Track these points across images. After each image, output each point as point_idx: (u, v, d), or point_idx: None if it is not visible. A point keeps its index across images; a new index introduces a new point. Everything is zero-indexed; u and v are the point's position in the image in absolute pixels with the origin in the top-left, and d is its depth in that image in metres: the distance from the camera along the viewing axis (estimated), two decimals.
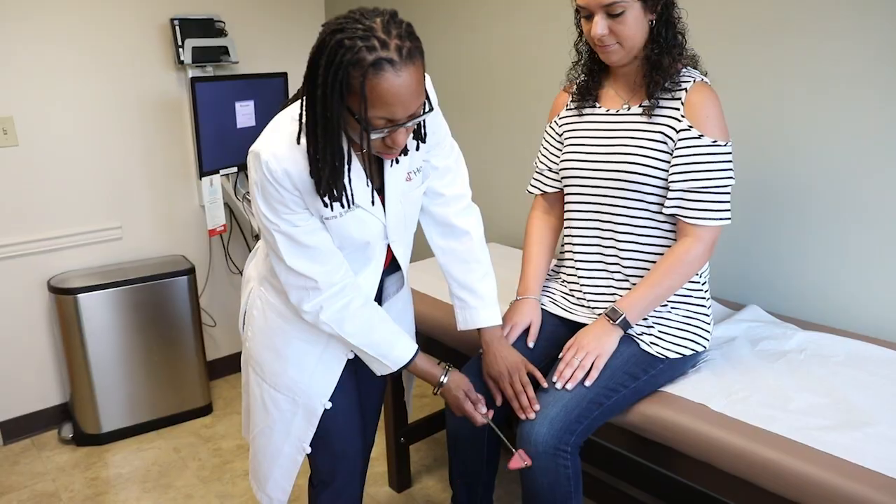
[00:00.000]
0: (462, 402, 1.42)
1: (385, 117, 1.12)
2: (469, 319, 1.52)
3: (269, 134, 1.24)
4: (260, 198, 1.25)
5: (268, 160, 1.20)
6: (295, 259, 1.29)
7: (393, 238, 1.40)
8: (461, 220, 1.51)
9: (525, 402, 1.40)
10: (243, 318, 1.53)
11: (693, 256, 1.42)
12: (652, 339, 1.45)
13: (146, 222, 2.83)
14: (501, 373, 1.45)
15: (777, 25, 1.75)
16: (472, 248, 1.52)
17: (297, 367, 1.44)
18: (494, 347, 1.48)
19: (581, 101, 1.56)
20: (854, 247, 1.71)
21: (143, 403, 2.70)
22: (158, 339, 2.69)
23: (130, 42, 2.67)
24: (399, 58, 1.08)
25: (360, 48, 1.06)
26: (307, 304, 1.33)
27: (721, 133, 1.40)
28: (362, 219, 1.31)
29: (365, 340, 1.37)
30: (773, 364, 1.52)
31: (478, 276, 1.51)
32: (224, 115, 2.61)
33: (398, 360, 1.40)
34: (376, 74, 1.07)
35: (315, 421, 1.47)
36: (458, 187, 1.51)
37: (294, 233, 1.27)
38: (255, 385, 1.51)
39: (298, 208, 1.25)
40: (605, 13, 1.37)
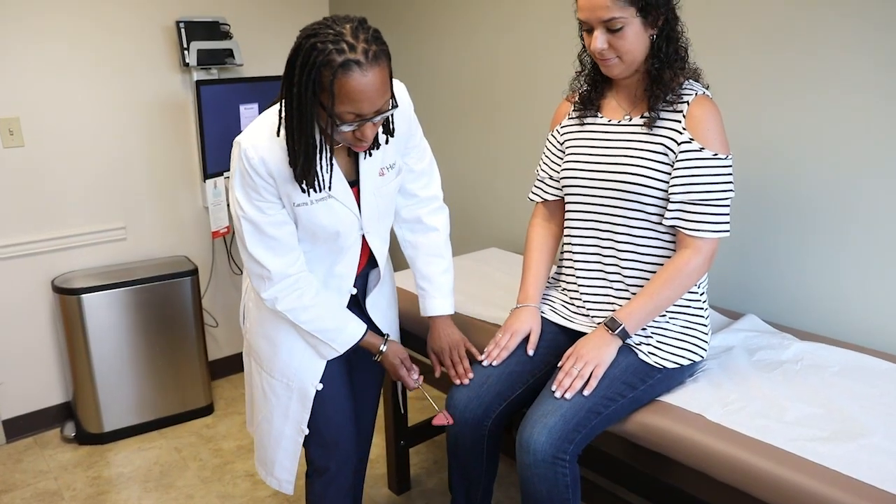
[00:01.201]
0: (398, 368, 1.59)
1: (353, 112, 1.24)
2: (428, 308, 1.67)
3: (251, 127, 1.38)
4: (237, 183, 1.37)
5: (247, 148, 1.33)
6: (256, 247, 1.41)
7: (368, 229, 1.51)
8: (431, 219, 1.66)
9: (461, 371, 1.57)
10: (243, 311, 1.65)
11: (692, 268, 1.43)
12: (650, 349, 1.46)
13: (150, 223, 2.85)
14: (443, 348, 1.62)
15: (773, 37, 1.76)
16: (437, 244, 1.67)
17: (288, 352, 1.55)
18: (439, 327, 1.66)
19: (583, 110, 1.57)
20: (851, 256, 1.72)
21: (145, 403, 2.72)
22: (161, 339, 2.71)
23: (136, 44, 2.69)
24: (365, 59, 1.21)
25: (330, 50, 1.19)
26: (264, 293, 1.45)
27: (722, 146, 1.42)
28: (333, 208, 1.42)
29: (318, 327, 1.50)
30: (769, 374, 1.54)
31: (439, 270, 1.66)
32: (228, 117, 2.63)
33: (346, 342, 1.53)
34: (345, 74, 1.20)
35: (309, 404, 1.57)
36: (432, 189, 1.66)
37: (260, 221, 1.38)
38: (255, 374, 1.63)
39: (271, 196, 1.37)
40: (604, 28, 1.39)
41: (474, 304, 1.97)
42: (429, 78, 2.83)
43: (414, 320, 1.91)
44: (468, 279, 2.17)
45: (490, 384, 1.53)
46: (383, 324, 1.67)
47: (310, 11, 3.13)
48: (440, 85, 2.79)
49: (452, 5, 2.67)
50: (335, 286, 1.54)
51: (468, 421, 1.51)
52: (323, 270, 1.52)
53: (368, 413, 1.82)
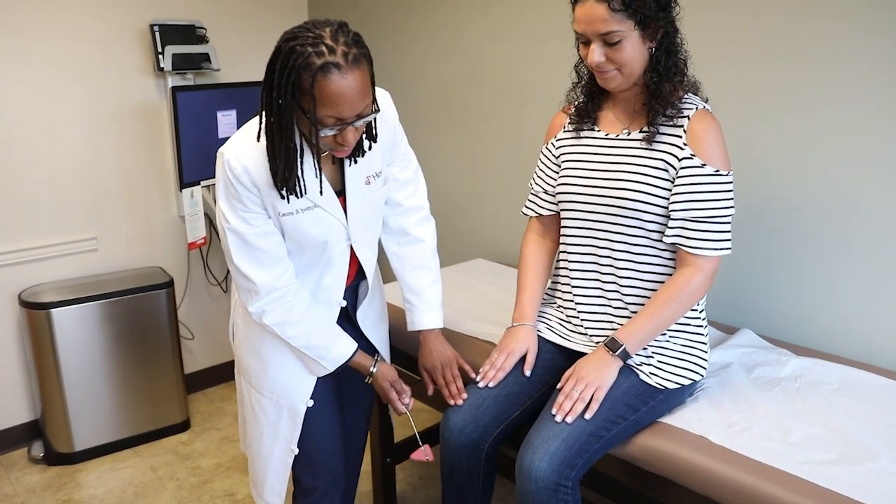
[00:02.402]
0: (388, 392, 1.54)
1: (333, 115, 1.22)
2: (416, 322, 1.63)
3: (235, 137, 1.36)
4: (222, 195, 1.36)
5: (230, 159, 1.31)
6: (241, 259, 1.38)
7: (356, 239, 1.47)
8: (417, 230, 1.63)
9: (454, 390, 1.53)
10: (232, 327, 1.61)
11: (694, 287, 1.40)
12: (651, 370, 1.43)
13: (122, 233, 2.75)
14: (434, 365, 1.58)
15: (766, 52, 1.74)
16: (424, 256, 1.64)
17: (277, 369, 1.51)
18: (431, 343, 1.61)
19: (579, 123, 1.54)
20: (846, 271, 1.71)
21: (117, 420, 2.62)
22: (134, 353, 2.61)
23: (108, 48, 2.59)
24: (345, 62, 1.19)
25: (309, 53, 1.18)
26: (251, 307, 1.42)
27: (723, 162, 1.39)
28: (320, 217, 1.40)
29: (305, 343, 1.46)
30: (769, 392, 1.52)
31: (427, 282, 1.63)
32: (205, 124, 2.54)
33: (336, 361, 1.49)
34: (324, 77, 1.18)
35: (299, 421, 1.53)
36: (417, 199, 1.63)
37: (246, 232, 1.35)
38: (245, 392, 1.59)
39: (255, 207, 1.34)
40: (601, 41, 1.35)
41: (464, 319, 1.92)
42: (412, 86, 2.77)
43: (402, 335, 1.86)
44: (456, 293, 2.12)
45: (487, 406, 1.48)
46: (374, 337, 1.64)
47: (288, 16, 3.06)
48: (424, 93, 2.74)
49: (437, 13, 2.62)
50: (324, 299, 1.50)
51: (464, 445, 1.46)
52: (311, 283, 1.48)
53: (359, 432, 1.76)
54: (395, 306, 1.97)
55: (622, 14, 1.30)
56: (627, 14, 1.30)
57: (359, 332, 1.60)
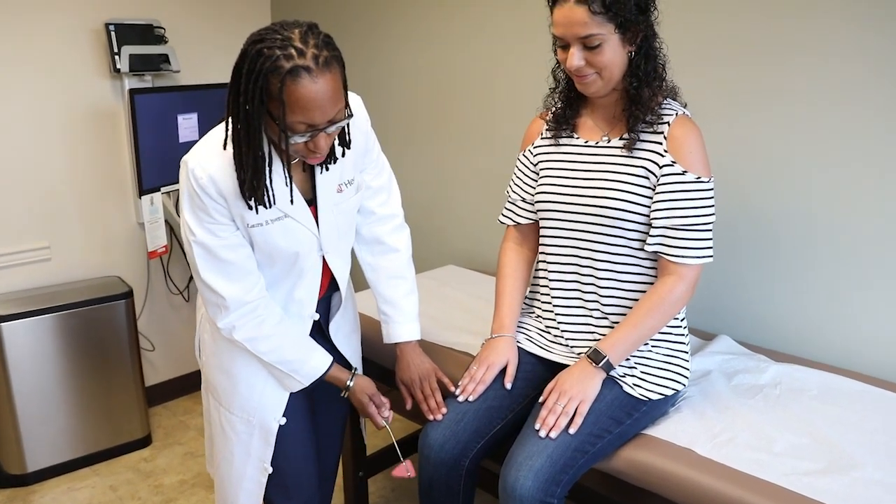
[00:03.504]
0: (366, 406, 1.49)
1: (304, 122, 1.16)
2: (393, 334, 1.58)
3: (199, 145, 1.30)
4: (186, 206, 1.29)
5: (194, 168, 1.25)
6: (209, 273, 1.32)
7: (328, 249, 1.42)
8: (392, 238, 1.58)
9: (433, 404, 1.48)
10: (198, 343, 1.54)
11: (677, 296, 1.38)
12: (634, 381, 1.40)
13: (77, 242, 2.62)
14: (413, 379, 1.54)
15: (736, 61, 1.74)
16: (399, 266, 1.59)
17: (247, 385, 1.46)
18: (408, 356, 1.57)
19: (557, 129, 1.50)
20: (820, 277, 1.72)
21: (74, 438, 2.50)
22: (92, 367, 2.49)
23: (61, 48, 2.46)
24: (315, 65, 1.13)
25: (278, 56, 1.12)
26: (220, 322, 1.36)
27: (704, 169, 1.37)
28: (290, 228, 1.34)
29: (278, 358, 1.40)
30: (750, 401, 1.51)
31: (403, 293, 1.58)
32: (165, 128, 2.44)
33: (311, 376, 1.43)
34: (294, 81, 1.12)
35: (272, 439, 1.47)
36: (391, 207, 1.58)
37: (213, 245, 1.29)
38: (214, 411, 1.52)
39: (222, 218, 1.29)
40: (581, 45, 1.32)
41: (439, 329, 1.87)
42: (380, 89, 2.71)
43: (376, 348, 1.80)
44: (429, 301, 2.07)
45: (467, 421, 1.43)
46: (347, 350, 1.58)
47: (250, 15, 2.97)
48: (393, 98, 2.68)
49: (407, 16, 2.57)
50: (296, 312, 1.45)
51: (444, 461, 1.42)
52: (282, 296, 1.42)
53: (333, 448, 1.70)
54: (367, 316, 1.91)
55: (602, 17, 1.27)
56: (608, 17, 1.27)
57: (331, 344, 1.54)
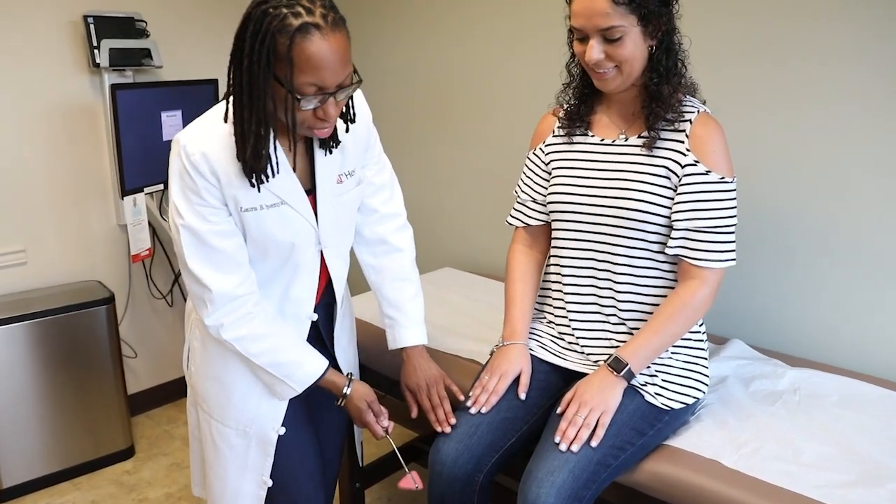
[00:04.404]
0: (364, 414, 1.39)
1: (314, 83, 1.10)
2: (398, 339, 1.50)
3: (193, 123, 1.23)
4: (175, 186, 1.21)
5: (186, 144, 1.18)
6: (195, 261, 1.22)
7: (326, 244, 1.34)
8: (395, 239, 1.51)
9: (441, 415, 1.40)
10: (187, 353, 1.43)
11: (699, 301, 1.32)
12: (656, 390, 1.34)
13: (55, 245, 2.50)
14: (419, 385, 1.45)
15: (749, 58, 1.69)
16: (403, 267, 1.51)
17: (242, 395, 1.36)
18: (415, 360, 1.48)
19: (571, 127, 1.43)
20: (835, 279, 1.68)
21: (53, 450, 2.38)
22: (71, 376, 2.37)
23: (36, 41, 2.34)
24: (325, 23, 1.08)
25: (285, 14, 1.07)
26: (208, 319, 1.26)
27: (728, 169, 1.31)
28: (287, 216, 1.26)
29: (271, 361, 1.31)
30: (770, 408, 1.46)
31: (408, 295, 1.51)
32: (148, 126, 2.33)
33: (305, 381, 1.34)
34: (304, 38, 1.07)
35: (271, 450, 1.38)
36: (393, 205, 1.51)
37: (202, 229, 1.20)
38: (203, 424, 1.41)
39: (214, 200, 1.20)
40: (601, 37, 1.25)
41: (443, 335, 1.80)
42: (374, 89, 2.61)
43: (373, 355, 1.72)
44: (428, 306, 1.94)
45: (480, 434, 1.36)
46: (344, 360, 1.50)
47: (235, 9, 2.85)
48: (386, 97, 2.60)
49: (402, 14, 2.49)
50: (292, 312, 1.36)
51: (458, 477, 1.34)
52: (277, 294, 1.34)
53: (333, 463, 1.61)
54: (364, 322, 1.84)
55: (625, 8, 1.21)
56: (631, 8, 1.21)
57: (329, 353, 1.46)
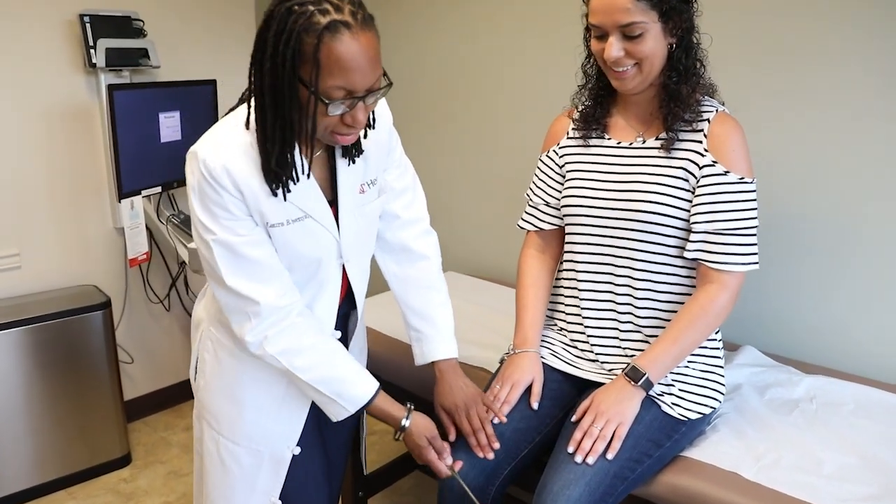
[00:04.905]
0: (425, 451, 1.28)
1: (343, 87, 1.02)
2: (427, 352, 1.40)
3: (208, 134, 1.14)
4: (197, 202, 1.13)
5: (205, 157, 1.09)
6: (234, 276, 1.15)
7: (347, 257, 1.26)
8: (419, 245, 1.42)
9: (483, 439, 1.30)
10: (195, 365, 1.36)
11: (720, 306, 1.28)
12: (673, 400, 1.31)
13: (50, 248, 2.45)
14: (457, 405, 1.33)
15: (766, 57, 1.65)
16: (429, 275, 1.43)
17: (256, 412, 1.29)
18: (449, 377, 1.37)
19: (586, 129, 1.40)
20: (850, 283, 1.65)
21: (48, 459, 2.32)
22: (66, 382, 2.32)
23: (31, 40, 2.29)
24: (355, 21, 1.00)
25: (312, 12, 0.99)
26: (250, 334, 1.18)
27: (748, 169, 1.28)
28: (312, 230, 1.19)
29: (319, 377, 1.21)
30: (787, 417, 1.43)
31: (435, 304, 1.42)
32: (146, 127, 2.28)
33: (357, 400, 1.23)
34: (332, 38, 0.99)
35: (283, 471, 1.31)
36: (416, 210, 1.43)
37: (235, 243, 1.13)
38: (209, 441, 1.33)
39: (241, 213, 1.13)
40: (621, 34, 1.22)
41: None
42: None
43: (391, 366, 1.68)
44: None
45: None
46: None
47: (234, 8, 2.82)
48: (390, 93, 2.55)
49: (402, 12, 2.45)
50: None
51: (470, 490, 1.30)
52: None
53: (339, 473, 1.56)
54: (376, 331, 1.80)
55: (646, 3, 1.18)
56: (652, 4, 1.18)
57: None
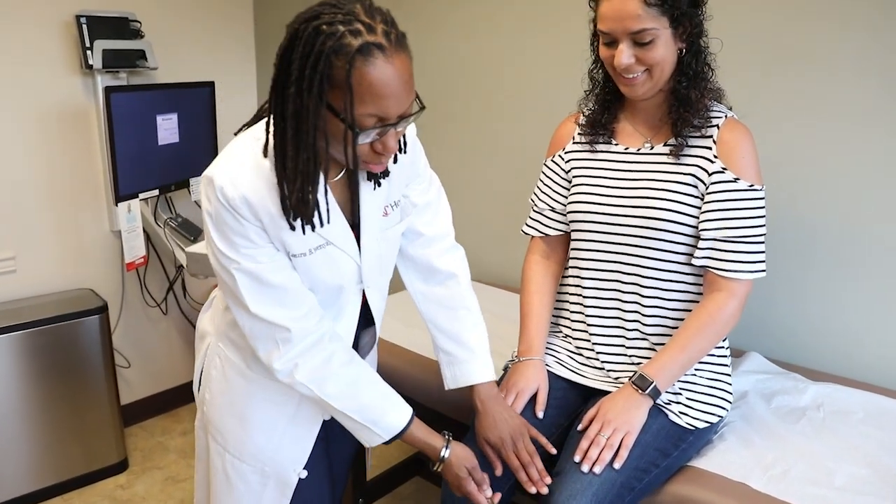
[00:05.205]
0: (465, 483, 1.21)
1: (375, 114, 0.95)
2: (459, 376, 1.32)
3: (225, 156, 1.07)
4: (215, 231, 1.07)
5: (223, 185, 1.02)
6: (261, 304, 1.09)
7: (368, 283, 1.21)
8: (445, 262, 1.34)
9: (535, 474, 1.23)
10: (199, 378, 1.32)
11: (728, 314, 1.27)
12: (681, 409, 1.29)
13: (46, 252, 2.42)
14: (503, 439, 1.25)
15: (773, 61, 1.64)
16: (459, 293, 1.35)
17: (265, 433, 1.24)
18: (492, 408, 1.28)
19: (593, 134, 1.38)
20: (857, 288, 1.63)
21: (43, 465, 2.29)
22: (62, 387, 2.29)
23: (27, 41, 2.26)
24: (389, 43, 0.94)
25: (343, 33, 0.92)
26: (279, 361, 1.12)
27: (757, 176, 1.26)
28: (335, 258, 1.13)
29: (352, 404, 1.15)
30: (795, 425, 1.41)
31: (467, 325, 1.34)
32: (144, 130, 2.26)
33: (391, 428, 1.18)
34: (365, 62, 0.92)
35: (289, 493, 1.28)
36: (440, 225, 1.35)
37: (258, 271, 1.07)
38: (215, 455, 1.29)
39: (262, 241, 1.07)
40: (631, 41, 1.20)
41: None
42: None
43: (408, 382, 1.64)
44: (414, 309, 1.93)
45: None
46: None
47: (232, 8, 2.79)
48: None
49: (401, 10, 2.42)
50: None
51: None
52: None
53: (341, 486, 1.52)
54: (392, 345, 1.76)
55: (657, 9, 1.15)
56: (663, 9, 1.16)
57: None
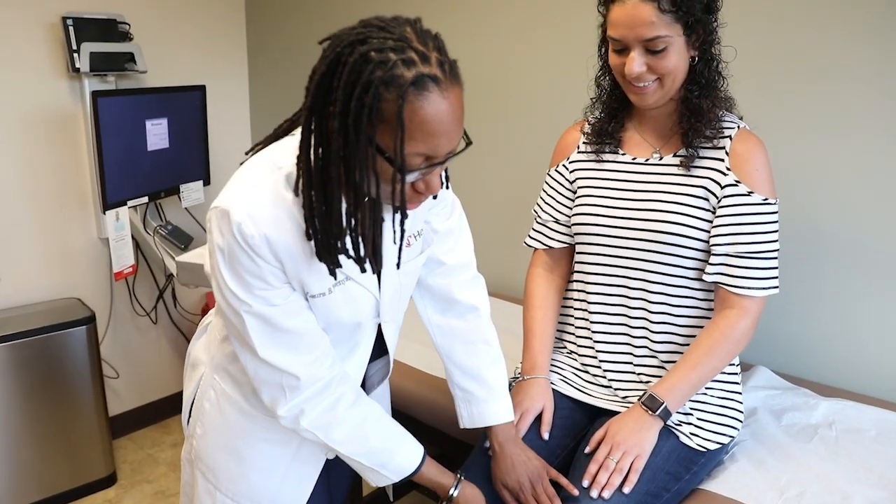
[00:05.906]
0: None
1: (424, 153, 0.87)
2: (477, 416, 1.26)
3: (240, 185, 0.97)
4: (226, 268, 0.97)
5: (241, 222, 0.93)
6: (270, 349, 1.01)
7: (385, 318, 1.14)
8: (466, 294, 1.26)
9: None
10: (189, 409, 1.24)
11: (741, 332, 1.22)
12: (692, 430, 1.24)
13: (32, 260, 2.35)
14: (522, 483, 1.20)
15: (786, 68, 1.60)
16: (478, 328, 1.28)
17: (263, 474, 1.17)
18: (510, 450, 1.22)
19: (599, 144, 1.33)
20: (867, 301, 1.59)
21: (29, 480, 2.23)
22: (49, 400, 2.23)
23: (11, 43, 2.19)
24: (444, 75, 0.85)
25: (394, 62, 0.82)
26: (284, 409, 1.05)
27: (771, 189, 1.22)
28: (354, 294, 1.06)
29: (360, 448, 1.10)
30: (808, 445, 1.36)
31: (486, 362, 1.26)
32: (132, 135, 2.20)
33: (401, 470, 1.13)
34: (419, 96, 0.83)
35: None
36: (461, 253, 1.26)
37: (271, 314, 0.99)
38: (204, 494, 1.21)
39: (278, 282, 0.99)
40: (643, 49, 1.15)
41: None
42: None
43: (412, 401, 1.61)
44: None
45: None
46: None
47: (223, 11, 2.73)
48: None
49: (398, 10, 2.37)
50: None
51: None
52: None
53: None
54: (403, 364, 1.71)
55: (671, 16, 1.11)
56: (677, 16, 1.11)
57: None
